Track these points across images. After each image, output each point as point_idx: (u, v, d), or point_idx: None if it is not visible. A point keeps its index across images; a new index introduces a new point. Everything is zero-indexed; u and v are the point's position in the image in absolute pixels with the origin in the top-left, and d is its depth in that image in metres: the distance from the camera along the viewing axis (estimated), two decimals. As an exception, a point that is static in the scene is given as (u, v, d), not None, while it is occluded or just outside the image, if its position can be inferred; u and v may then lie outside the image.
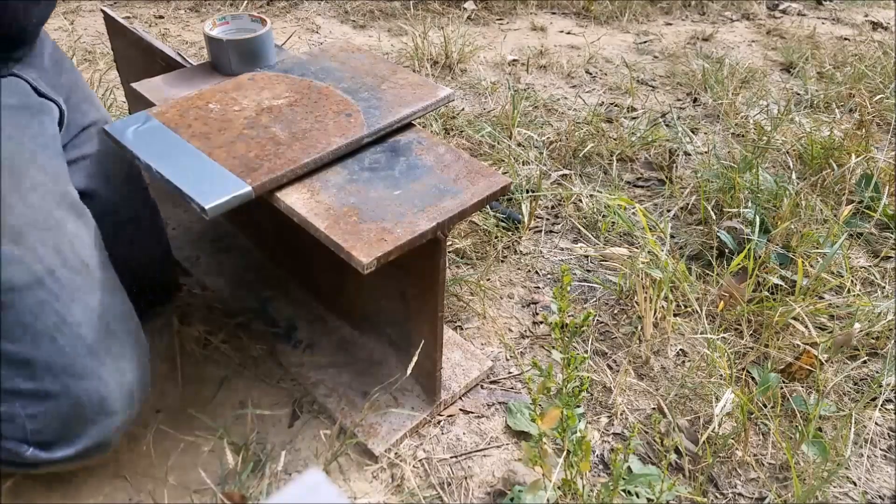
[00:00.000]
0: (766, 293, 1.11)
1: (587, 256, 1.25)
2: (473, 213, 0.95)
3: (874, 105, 1.70)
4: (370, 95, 0.88)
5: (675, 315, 1.10)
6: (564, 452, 0.74)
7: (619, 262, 1.20)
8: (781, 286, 1.14)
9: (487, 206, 1.30)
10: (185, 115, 0.82)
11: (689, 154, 1.54)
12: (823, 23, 2.46)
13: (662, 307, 1.07)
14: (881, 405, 0.98)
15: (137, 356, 0.78)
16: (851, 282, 1.17)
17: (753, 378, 1.01)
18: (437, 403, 0.92)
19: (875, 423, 0.96)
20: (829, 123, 1.63)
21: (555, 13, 2.41)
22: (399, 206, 0.73)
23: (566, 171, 1.46)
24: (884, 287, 1.19)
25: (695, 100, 1.82)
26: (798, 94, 1.84)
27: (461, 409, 0.95)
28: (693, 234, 1.28)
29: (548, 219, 1.34)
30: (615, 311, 1.13)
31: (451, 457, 0.88)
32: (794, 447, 0.90)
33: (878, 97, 1.74)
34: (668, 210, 1.35)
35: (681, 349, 1.06)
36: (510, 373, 1.01)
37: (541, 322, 1.10)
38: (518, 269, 1.21)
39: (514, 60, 2.00)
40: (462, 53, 1.93)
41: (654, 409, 0.97)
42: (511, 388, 0.98)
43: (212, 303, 1.07)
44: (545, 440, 0.77)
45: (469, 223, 1.27)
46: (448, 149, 0.82)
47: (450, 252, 1.21)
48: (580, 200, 1.36)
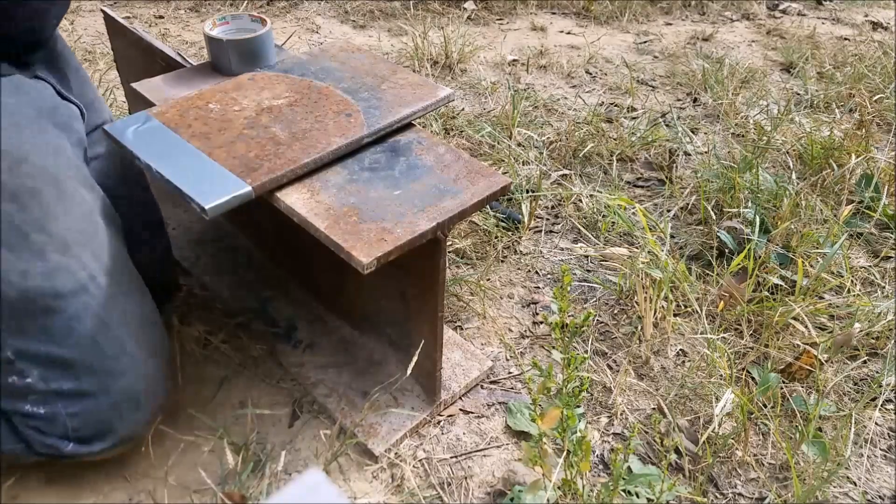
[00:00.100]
0: (766, 293, 1.11)
1: (587, 256, 1.25)
2: (473, 213, 0.95)
3: (874, 105, 1.70)
4: (370, 95, 0.88)
5: (675, 315, 1.10)
6: (564, 452, 0.74)
7: (619, 262, 1.20)
8: (781, 286, 1.14)
9: (487, 206, 1.30)
10: (185, 115, 0.82)
11: (689, 154, 1.54)
12: (823, 23, 2.46)
13: (662, 307, 1.07)
14: (881, 405, 0.98)
15: (162, 353, 0.83)
16: (851, 282, 1.17)
17: (753, 378, 1.01)
18: (437, 403, 0.92)
19: (875, 423, 0.96)
20: (829, 123, 1.63)
21: (555, 13, 2.41)
22: (399, 206, 0.73)
23: (566, 171, 1.46)
24: (884, 287, 1.19)
25: (695, 100, 1.82)
26: (798, 94, 1.84)
27: (461, 409, 0.95)
28: (693, 234, 1.29)
29: (548, 219, 1.34)
30: (615, 311, 1.13)
31: (451, 457, 0.88)
32: (794, 447, 0.90)
33: (878, 97, 1.74)
34: (668, 210, 1.35)
35: (681, 349, 1.06)
36: (510, 373, 1.01)
37: (541, 322, 1.10)
38: (518, 269, 1.21)
39: (514, 60, 2.00)
40: (462, 53, 1.93)
41: (654, 409, 0.97)
42: (511, 388, 0.98)
43: (212, 303, 1.07)
44: (545, 440, 0.77)
45: (469, 223, 1.27)
46: (448, 149, 0.82)
47: (450, 252, 1.21)
48: (580, 200, 1.36)
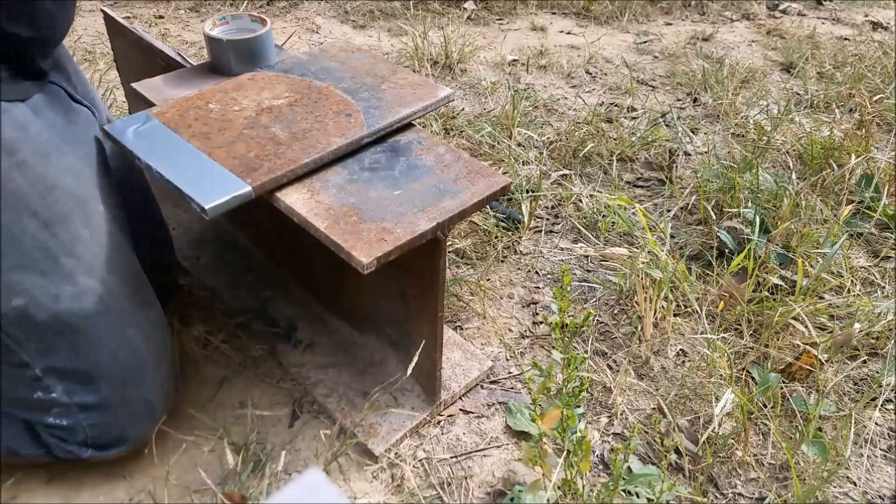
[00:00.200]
0: (766, 293, 1.11)
1: (587, 256, 1.25)
2: (473, 213, 0.95)
3: (874, 105, 1.70)
4: (370, 95, 0.88)
5: (675, 315, 1.10)
6: (564, 452, 0.74)
7: (619, 262, 1.20)
8: (781, 286, 1.14)
9: (487, 206, 1.30)
10: (185, 115, 0.82)
11: (689, 154, 1.54)
12: (823, 23, 2.46)
13: (662, 307, 1.07)
14: (881, 405, 0.98)
15: (170, 358, 0.85)
16: (851, 282, 1.17)
17: (753, 378, 1.01)
18: (437, 403, 0.92)
19: (875, 423, 0.96)
20: (829, 123, 1.63)
21: (555, 13, 2.41)
22: (399, 206, 0.73)
23: (566, 171, 1.46)
24: (884, 287, 1.19)
25: (695, 100, 1.82)
26: (798, 94, 1.84)
27: (461, 409, 0.95)
28: (693, 234, 1.28)
29: (548, 219, 1.34)
30: (615, 311, 1.13)
31: (451, 457, 0.88)
32: (794, 447, 0.90)
33: (878, 97, 1.74)
34: (668, 210, 1.35)
35: (681, 349, 1.06)
36: (510, 373, 1.01)
37: (541, 322, 1.10)
38: (518, 269, 1.21)
39: (514, 60, 2.00)
40: (462, 53, 1.93)
41: (654, 409, 0.97)
42: (511, 388, 0.98)
43: (212, 303, 1.07)
44: (545, 440, 0.77)
45: (469, 223, 1.27)
46: (448, 149, 0.82)
47: (450, 252, 1.21)
48: (580, 200, 1.36)
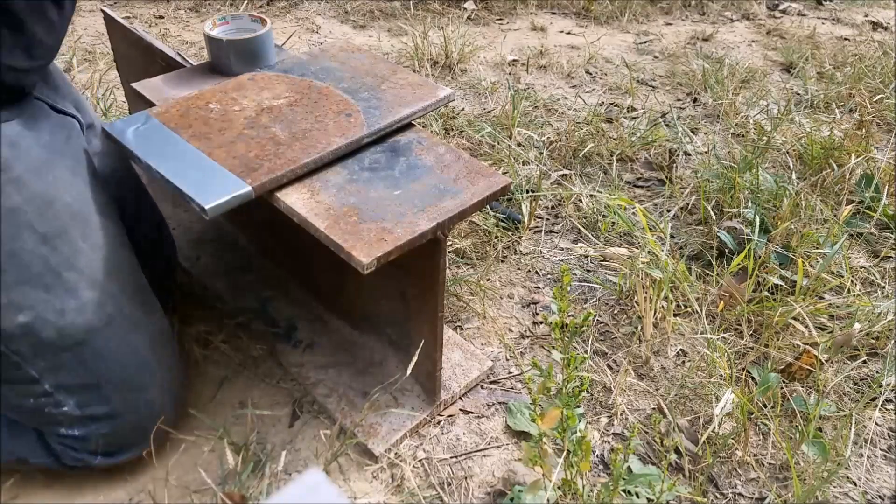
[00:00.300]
0: (766, 293, 1.11)
1: (587, 256, 1.25)
2: (473, 213, 0.95)
3: (874, 105, 1.70)
4: (370, 95, 0.88)
5: (675, 315, 1.10)
6: (564, 452, 0.74)
7: (619, 262, 1.20)
8: (781, 286, 1.14)
9: (487, 206, 1.30)
10: (186, 115, 0.82)
11: (689, 154, 1.54)
12: (823, 23, 2.46)
13: (662, 307, 1.07)
14: (881, 405, 0.98)
15: (176, 362, 0.85)
16: (851, 282, 1.17)
17: (753, 378, 1.01)
18: (437, 403, 0.92)
19: (875, 423, 0.96)
20: (829, 123, 1.63)
21: (555, 13, 2.41)
22: (399, 206, 0.73)
23: (566, 171, 1.46)
24: (884, 287, 1.19)
25: (695, 100, 1.82)
26: (798, 94, 1.84)
27: (461, 409, 0.95)
28: (693, 234, 1.28)
29: (548, 219, 1.34)
30: (615, 311, 1.13)
31: (451, 457, 0.88)
32: (794, 447, 0.90)
33: (878, 97, 1.74)
34: (668, 210, 1.35)
35: (681, 349, 1.06)
36: (510, 373, 1.01)
37: (541, 322, 1.10)
38: (518, 269, 1.21)
39: (514, 60, 2.00)
40: (462, 53, 1.93)
41: (654, 409, 0.97)
42: (511, 388, 0.98)
43: (212, 303, 1.07)
44: (545, 440, 0.77)
45: (469, 223, 1.27)
46: (448, 149, 0.82)
47: (450, 252, 1.21)
48: (580, 200, 1.36)
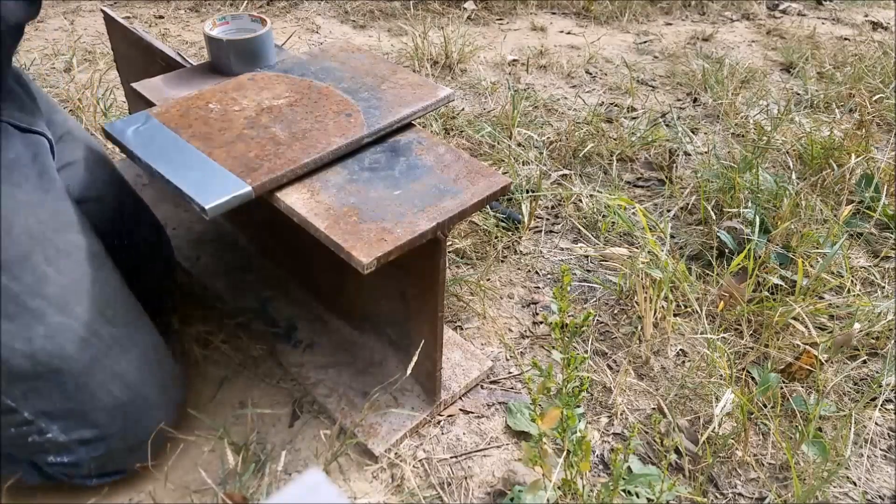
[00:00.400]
0: (766, 293, 1.11)
1: (587, 256, 1.25)
2: (473, 213, 0.95)
3: (874, 105, 1.70)
4: (370, 95, 0.88)
5: (675, 315, 1.10)
6: (564, 452, 0.74)
7: (619, 262, 1.20)
8: (781, 286, 1.14)
9: (487, 206, 1.30)
10: (186, 115, 0.82)
11: (689, 154, 1.54)
12: (823, 23, 2.46)
13: (662, 307, 1.07)
14: (881, 405, 0.98)
15: (172, 374, 0.84)
16: (851, 282, 1.17)
17: (753, 378, 1.01)
18: (437, 403, 0.92)
19: (875, 423, 0.96)
20: (829, 123, 1.63)
21: (555, 13, 2.41)
22: (399, 206, 0.73)
23: (566, 171, 1.46)
24: (884, 287, 1.19)
25: (695, 100, 1.82)
26: (798, 94, 1.84)
27: (461, 409, 0.94)
28: (693, 234, 1.28)
29: (548, 219, 1.34)
30: (615, 311, 1.13)
31: (451, 457, 0.88)
32: (794, 447, 0.90)
33: (878, 97, 1.74)
34: (668, 210, 1.35)
35: (681, 349, 1.06)
36: (510, 373, 1.01)
37: (541, 322, 1.10)
38: (518, 269, 1.21)
39: (514, 60, 2.00)
40: (462, 53, 1.93)
41: (654, 409, 0.97)
42: (511, 388, 0.98)
43: (212, 303, 1.07)
44: (545, 440, 0.77)
45: (469, 223, 1.27)
46: (448, 149, 0.82)
47: (450, 252, 1.21)
48: (580, 200, 1.36)
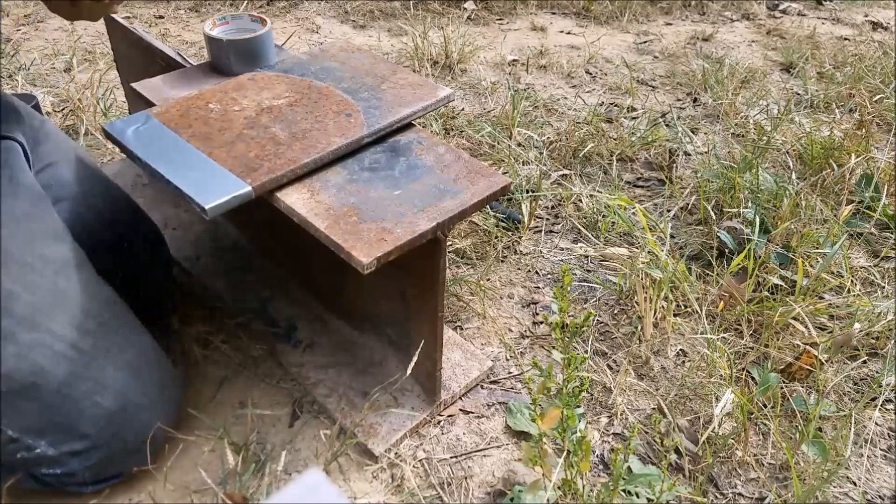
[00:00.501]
0: (766, 293, 1.11)
1: (587, 256, 1.25)
2: (473, 213, 0.95)
3: (874, 105, 1.70)
4: (370, 95, 0.88)
5: (675, 315, 1.10)
6: (564, 452, 0.74)
7: (619, 262, 1.20)
8: (781, 286, 1.14)
9: (487, 206, 1.30)
10: (186, 115, 0.82)
11: (689, 154, 1.54)
12: (823, 23, 2.46)
13: (662, 307, 1.07)
14: (881, 405, 0.98)
15: (168, 376, 0.83)
16: (851, 282, 1.17)
17: (753, 378, 1.01)
18: (437, 403, 0.92)
19: (875, 423, 0.96)
20: (829, 123, 1.63)
21: (555, 13, 2.41)
22: (399, 206, 0.73)
23: (566, 171, 1.46)
24: (884, 287, 1.19)
25: (695, 100, 1.82)
26: (798, 94, 1.84)
27: (461, 409, 0.94)
28: (693, 234, 1.28)
29: (548, 219, 1.34)
30: (615, 311, 1.13)
31: (451, 457, 0.88)
32: (794, 447, 0.90)
33: (878, 97, 1.74)
34: (668, 210, 1.35)
35: (681, 349, 1.06)
36: (510, 373, 1.01)
37: (541, 322, 1.10)
38: (518, 269, 1.21)
39: (514, 60, 2.00)
40: (462, 53, 1.93)
41: (654, 409, 0.97)
42: (511, 388, 0.98)
43: (212, 303, 1.07)
44: (545, 440, 0.77)
45: (469, 223, 1.27)
46: (448, 149, 0.82)
47: (450, 252, 1.21)
48: (580, 200, 1.36)
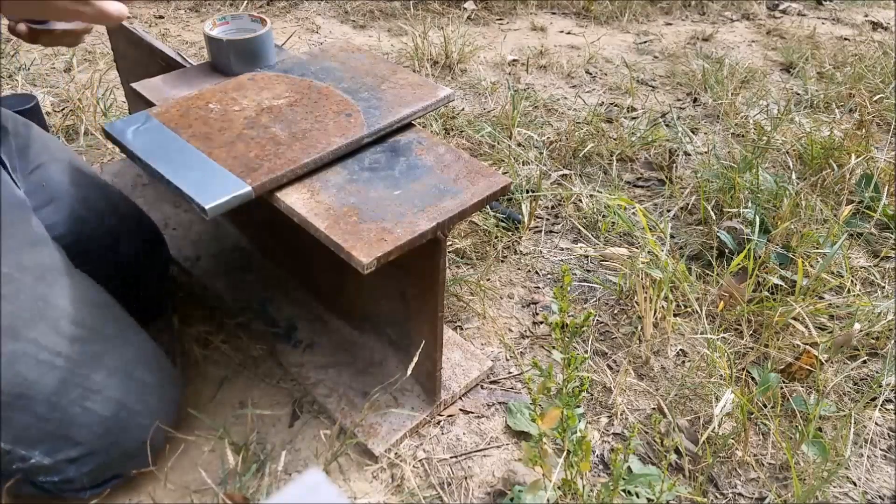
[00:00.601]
0: (766, 293, 1.11)
1: (587, 256, 1.25)
2: (473, 213, 0.95)
3: (874, 105, 1.70)
4: (370, 95, 0.88)
5: (675, 315, 1.10)
6: (564, 452, 0.74)
7: (619, 262, 1.20)
8: (781, 286, 1.14)
9: (487, 206, 1.30)
10: (186, 115, 0.82)
11: (689, 154, 1.54)
12: (823, 23, 2.46)
13: (662, 307, 1.07)
14: (881, 405, 0.98)
15: (168, 376, 0.83)
16: (851, 282, 1.17)
17: (753, 378, 1.01)
18: (437, 403, 0.92)
19: (875, 423, 0.96)
20: (829, 123, 1.63)
21: (555, 13, 2.41)
22: (399, 206, 0.73)
23: (566, 171, 1.46)
24: (884, 287, 1.19)
25: (695, 100, 1.82)
26: (798, 94, 1.84)
27: (461, 409, 0.95)
28: (693, 234, 1.28)
29: (548, 219, 1.34)
30: (615, 311, 1.13)
31: (451, 457, 0.88)
32: (794, 447, 0.90)
33: (878, 97, 1.74)
34: (668, 210, 1.35)
35: (681, 349, 1.06)
36: (510, 373, 1.01)
37: (541, 322, 1.10)
38: (518, 269, 1.21)
39: (514, 60, 2.00)
40: (462, 53, 1.93)
41: (654, 409, 0.97)
42: (511, 388, 0.98)
43: (212, 303, 1.07)
44: (545, 440, 0.77)
45: (469, 223, 1.27)
46: (448, 149, 0.82)
47: (450, 252, 1.21)
48: (580, 200, 1.36)
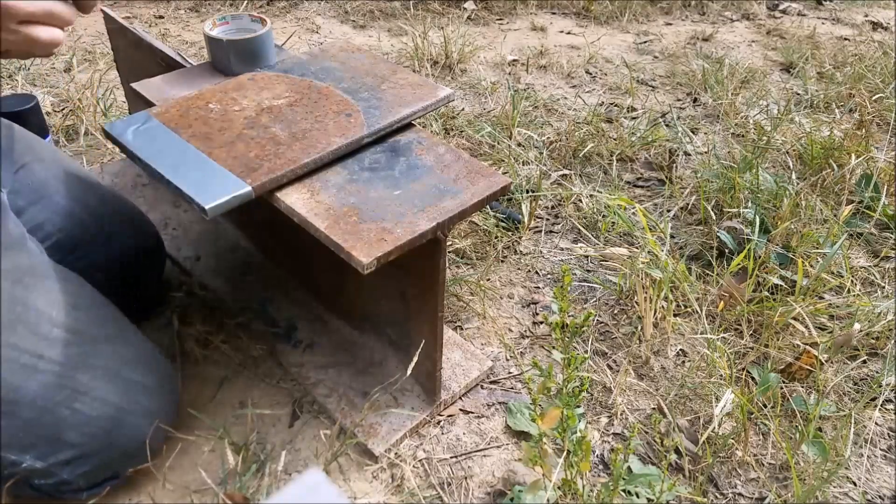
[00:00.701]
0: (766, 293, 1.11)
1: (587, 256, 1.25)
2: (473, 213, 0.95)
3: (874, 105, 1.70)
4: (370, 95, 0.88)
5: (675, 315, 1.10)
6: (564, 452, 0.74)
7: (619, 262, 1.20)
8: (781, 286, 1.14)
9: (487, 206, 1.30)
10: (186, 115, 0.82)
11: (689, 154, 1.54)
12: (823, 23, 2.46)
13: (662, 307, 1.07)
14: (881, 405, 0.98)
15: (160, 380, 0.82)
16: (851, 282, 1.17)
17: (753, 378, 1.01)
18: (437, 403, 0.92)
19: (875, 423, 0.96)
20: (829, 123, 1.63)
21: (555, 13, 2.41)
22: (399, 206, 0.73)
23: (566, 171, 1.46)
24: (884, 287, 1.19)
25: (695, 100, 1.82)
26: (798, 94, 1.84)
27: (461, 409, 0.95)
28: (693, 234, 1.28)
29: (548, 219, 1.34)
30: (615, 311, 1.13)
31: (451, 457, 0.88)
32: (794, 447, 0.90)
33: (878, 97, 1.74)
34: (668, 210, 1.35)
35: (681, 349, 1.06)
36: (510, 373, 1.01)
37: (541, 322, 1.10)
38: (518, 269, 1.21)
39: (514, 60, 2.00)
40: (462, 53, 1.93)
41: (654, 409, 0.97)
42: (511, 388, 0.98)
43: (212, 303, 1.07)
44: (545, 440, 0.77)
45: (469, 223, 1.27)
46: (448, 149, 0.82)
47: (450, 252, 1.21)
48: (580, 200, 1.36)
